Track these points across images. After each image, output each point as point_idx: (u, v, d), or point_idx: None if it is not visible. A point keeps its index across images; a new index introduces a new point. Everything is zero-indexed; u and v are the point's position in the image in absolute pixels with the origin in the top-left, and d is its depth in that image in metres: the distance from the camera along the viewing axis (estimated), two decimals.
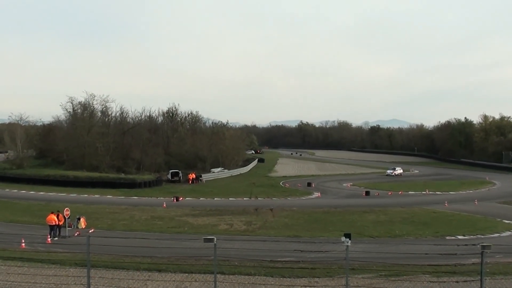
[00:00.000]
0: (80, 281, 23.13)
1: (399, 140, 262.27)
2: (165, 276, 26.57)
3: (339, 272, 27.80)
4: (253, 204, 71.01)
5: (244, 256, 31.31)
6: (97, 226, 50.00)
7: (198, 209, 66.82)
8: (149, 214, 61.65)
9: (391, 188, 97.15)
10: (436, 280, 26.70)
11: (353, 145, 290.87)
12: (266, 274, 27.59)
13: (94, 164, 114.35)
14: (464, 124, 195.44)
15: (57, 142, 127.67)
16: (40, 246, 38.90)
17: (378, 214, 62.47)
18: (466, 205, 72.24)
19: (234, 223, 54.08)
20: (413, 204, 72.61)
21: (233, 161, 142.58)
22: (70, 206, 51.24)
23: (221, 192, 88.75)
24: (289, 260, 32.44)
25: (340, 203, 74.88)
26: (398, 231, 49.80)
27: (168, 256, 32.41)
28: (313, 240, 42.85)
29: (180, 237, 44.12)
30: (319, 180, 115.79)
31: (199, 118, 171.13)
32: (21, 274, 25.07)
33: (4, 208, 65.57)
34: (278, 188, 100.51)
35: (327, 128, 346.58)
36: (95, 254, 26.85)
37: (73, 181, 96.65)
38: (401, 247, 38.44)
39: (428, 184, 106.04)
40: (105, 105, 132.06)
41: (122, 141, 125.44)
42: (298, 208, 67.97)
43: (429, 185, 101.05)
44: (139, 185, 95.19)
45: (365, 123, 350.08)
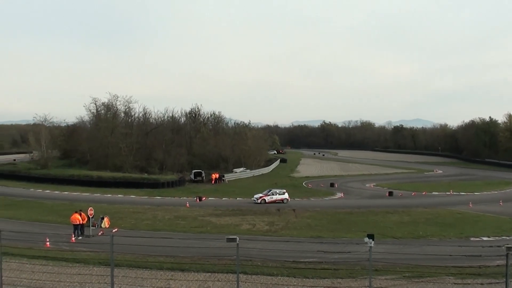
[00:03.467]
0: (104, 280, 23.28)
1: (423, 140, 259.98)
2: (188, 276, 26.62)
3: (362, 273, 27.71)
4: (275, 204, 70.95)
5: (266, 257, 31.31)
6: (120, 226, 50.26)
7: (220, 209, 66.97)
8: (172, 214, 61.85)
9: (414, 188, 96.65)
10: (461, 282, 26.50)
11: (376, 145, 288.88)
12: (288, 274, 27.55)
13: (117, 164, 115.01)
14: (489, 124, 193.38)
15: (81, 143, 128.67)
16: (64, 245, 39.17)
17: (402, 214, 62.19)
18: (491, 206, 71.73)
19: (257, 223, 54.13)
20: (437, 205, 72.22)
21: (255, 161, 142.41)
22: (93, 206, 51.64)
23: (244, 192, 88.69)
24: (312, 261, 32.32)
25: (363, 204, 74.68)
26: (422, 232, 49.49)
27: (191, 255, 32.45)
28: (336, 240, 42.69)
29: (203, 236, 44.29)
30: (342, 180, 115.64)
31: (222, 118, 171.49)
32: (46, 272, 25.20)
33: (29, 207, 66.21)
34: (300, 188, 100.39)
35: (350, 128, 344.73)
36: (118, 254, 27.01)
37: (96, 181, 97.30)
38: (425, 248, 38.24)
39: (452, 184, 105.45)
40: (128, 106, 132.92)
41: (145, 142, 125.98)
42: (321, 209, 67.83)
43: (453, 186, 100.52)
44: (162, 185, 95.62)
45: (388, 122, 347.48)
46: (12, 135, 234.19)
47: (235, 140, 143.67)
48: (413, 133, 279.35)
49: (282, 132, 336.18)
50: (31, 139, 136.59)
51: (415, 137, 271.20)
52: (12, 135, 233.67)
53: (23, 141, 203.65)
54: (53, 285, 23.69)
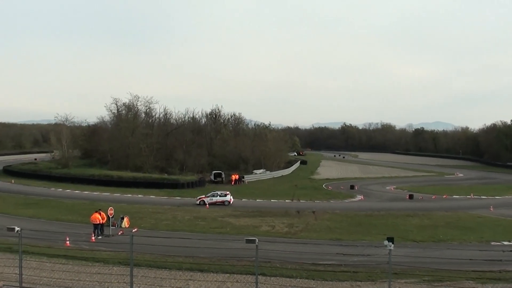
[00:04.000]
0: (123, 280, 23.35)
1: (444, 143, 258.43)
2: (207, 276, 26.66)
3: (381, 277, 27.63)
4: (295, 206, 70.81)
5: (285, 258, 31.30)
6: (140, 226, 50.43)
7: (240, 210, 66.96)
8: (191, 214, 61.97)
9: (435, 191, 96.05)
10: (481, 287, 26.35)
11: (397, 147, 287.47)
12: (307, 277, 27.49)
13: (138, 165, 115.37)
14: (510, 127, 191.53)
15: (102, 143, 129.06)
16: (84, 244, 39.39)
17: (422, 218, 61.79)
18: None
19: (276, 225, 54.01)
20: (458, 208, 71.65)
21: (275, 162, 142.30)
22: (113, 206, 51.86)
23: (263, 194, 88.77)
24: (331, 263, 32.25)
25: (383, 207, 74.37)
26: (442, 235, 49.16)
27: (210, 256, 32.53)
28: (355, 243, 42.50)
29: (222, 237, 44.34)
30: (362, 182, 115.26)
31: (242, 119, 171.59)
32: (66, 271, 25.32)
33: (50, 206, 66.66)
34: (320, 190, 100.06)
35: (371, 130, 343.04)
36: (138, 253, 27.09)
37: (117, 181, 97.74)
38: (445, 252, 38.05)
39: (473, 188, 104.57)
40: (149, 107, 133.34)
41: (166, 142, 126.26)
42: (341, 211, 67.60)
43: (474, 189, 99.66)
44: (182, 185, 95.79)
45: (409, 125, 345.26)
46: (34, 134, 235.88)
47: (255, 142, 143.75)
48: (434, 136, 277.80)
49: (303, 134, 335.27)
50: (52, 138, 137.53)
51: (436, 140, 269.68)
52: (34, 135, 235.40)
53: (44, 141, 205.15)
54: (72, 284, 23.78)
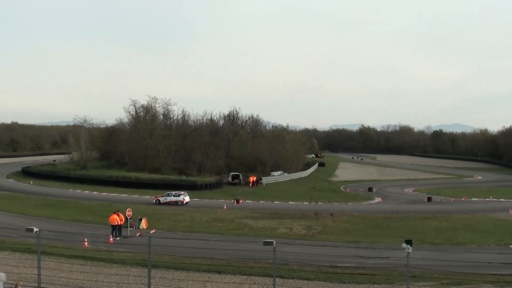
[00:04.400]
0: (141, 281, 23.38)
1: (462, 145, 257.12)
2: (225, 278, 26.68)
3: (399, 279, 27.51)
4: (313, 208, 70.63)
5: (303, 261, 31.26)
6: (158, 227, 50.53)
7: (258, 212, 66.91)
8: (209, 216, 61.96)
9: (454, 194, 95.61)
10: None
11: (415, 149, 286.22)
12: (325, 279, 27.44)
13: (156, 166, 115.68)
14: None
15: (120, 144, 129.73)
16: (102, 246, 39.49)
17: (440, 220, 61.42)
18: None
19: (294, 227, 53.88)
20: (476, 211, 71.15)
21: (293, 164, 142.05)
22: (131, 207, 51.95)
23: (281, 196, 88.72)
24: (349, 265, 32.15)
25: (402, 209, 74.02)
26: (461, 238, 48.85)
27: (228, 258, 32.52)
28: (373, 246, 42.44)
29: (239, 239, 44.27)
30: (380, 185, 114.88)
31: (260, 121, 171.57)
32: (84, 272, 25.45)
33: (68, 207, 66.97)
34: (338, 192, 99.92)
35: (389, 132, 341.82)
36: (156, 255, 27.16)
37: (135, 183, 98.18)
38: (464, 255, 37.80)
39: (492, 190, 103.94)
40: (167, 108, 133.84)
41: (184, 144, 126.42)
42: (359, 213, 67.39)
43: (493, 192, 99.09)
44: (200, 187, 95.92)
45: (427, 127, 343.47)
46: (52, 136, 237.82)
47: (273, 143, 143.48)
48: (453, 138, 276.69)
49: (321, 136, 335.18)
50: (70, 140, 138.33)
51: (455, 142, 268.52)
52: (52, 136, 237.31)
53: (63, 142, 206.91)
54: (90, 285, 23.92)
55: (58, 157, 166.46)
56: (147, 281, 20.71)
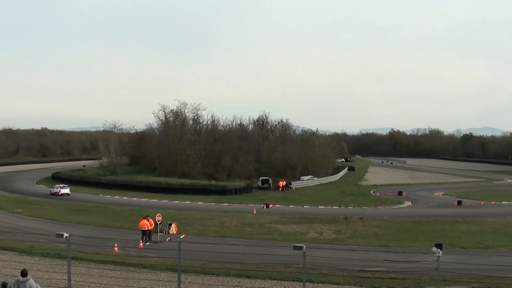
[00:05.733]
0: (171, 286, 23.41)
1: (492, 149, 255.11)
2: (255, 283, 26.56)
3: (429, 283, 27.22)
4: (342, 212, 70.36)
5: (333, 265, 31.07)
6: (188, 232, 50.58)
7: (287, 216, 66.68)
8: (239, 220, 61.98)
9: (484, 197, 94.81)
10: None
11: (445, 153, 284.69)
12: (355, 283, 27.22)
13: (185, 171, 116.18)
14: None
15: (150, 149, 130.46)
16: (132, 251, 39.57)
17: (470, 224, 60.87)
18: None
19: (324, 232, 53.69)
20: (507, 215, 70.48)
21: (322, 169, 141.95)
22: (161, 212, 52.00)
23: (311, 200, 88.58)
24: (379, 270, 31.94)
25: (431, 213, 73.68)
26: (491, 242, 48.34)
27: (258, 262, 32.44)
28: (403, 250, 42.03)
29: (269, 244, 44.13)
30: (410, 189, 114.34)
31: (289, 126, 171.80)
32: (113, 277, 25.52)
33: (98, 213, 67.45)
34: (368, 196, 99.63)
35: (419, 136, 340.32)
36: (185, 259, 27.13)
37: (164, 188, 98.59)
38: (494, 258, 37.48)
39: None
40: (196, 113, 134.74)
41: (213, 149, 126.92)
42: (389, 218, 66.98)
43: None
44: (230, 192, 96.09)
45: (457, 131, 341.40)
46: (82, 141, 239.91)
47: (303, 148, 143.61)
48: (483, 141, 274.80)
49: (350, 140, 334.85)
50: (100, 145, 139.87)
51: (485, 145, 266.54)
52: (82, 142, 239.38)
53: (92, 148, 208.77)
54: None
55: (88, 163, 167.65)
56: (177, 286, 20.67)
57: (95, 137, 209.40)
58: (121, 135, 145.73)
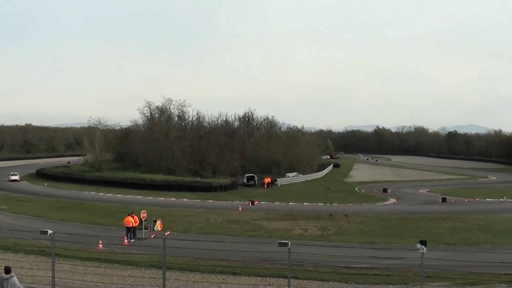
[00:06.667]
0: (156, 283, 23.30)
1: (477, 146, 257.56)
2: (240, 280, 26.55)
3: (414, 280, 27.29)
4: (328, 209, 70.42)
5: (318, 262, 31.07)
6: (173, 229, 50.42)
7: (272, 213, 66.66)
8: (224, 217, 61.87)
9: (468, 195, 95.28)
10: None
11: (430, 150, 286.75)
12: (340, 280, 27.26)
13: (170, 168, 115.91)
14: None
15: (135, 146, 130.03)
16: (117, 248, 39.42)
17: (455, 221, 61.07)
18: None
19: (309, 228, 53.69)
20: (491, 212, 70.85)
21: (308, 166, 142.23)
22: (146, 209, 52.05)
23: (296, 197, 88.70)
24: (364, 266, 31.99)
25: (416, 210, 73.77)
26: (475, 239, 48.53)
27: (243, 259, 32.39)
28: (388, 246, 42.20)
29: (254, 240, 44.20)
30: (395, 186, 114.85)
31: (275, 123, 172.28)
32: (98, 274, 25.45)
33: (83, 209, 67.10)
34: (353, 193, 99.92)
35: (404, 133, 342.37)
36: (170, 256, 27.12)
37: (149, 184, 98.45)
38: (478, 255, 37.61)
39: (506, 191, 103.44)
40: (181, 110, 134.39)
41: (199, 145, 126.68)
42: (374, 214, 67.15)
43: (507, 192, 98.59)
44: (215, 188, 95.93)
45: (442, 128, 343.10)
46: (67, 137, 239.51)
47: (288, 145, 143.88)
48: (467, 139, 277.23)
49: (335, 137, 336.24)
50: (85, 142, 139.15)
51: (469, 143, 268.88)
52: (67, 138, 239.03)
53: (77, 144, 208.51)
54: (105, 287, 23.87)
55: (72, 159, 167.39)
56: (162, 283, 20.66)
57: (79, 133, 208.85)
58: (106, 131, 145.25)
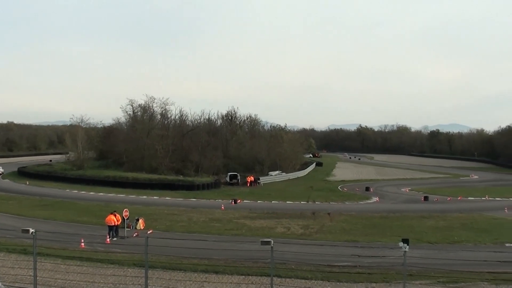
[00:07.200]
0: (138, 281, 23.27)
1: (459, 145, 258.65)
2: (222, 278, 26.58)
3: (396, 278, 27.43)
4: (310, 208, 70.43)
5: (301, 260, 31.18)
6: (155, 228, 50.33)
7: (255, 211, 66.74)
8: (207, 216, 61.74)
9: (450, 193, 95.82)
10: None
11: (412, 149, 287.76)
12: (323, 278, 27.33)
13: (153, 166, 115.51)
14: None
15: (117, 144, 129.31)
16: (99, 246, 39.34)
17: (437, 219, 61.39)
18: None
19: (291, 227, 53.73)
20: (473, 210, 71.23)
21: (291, 164, 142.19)
22: (129, 207, 51.80)
23: (279, 195, 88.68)
24: (346, 264, 32.08)
25: (399, 208, 74.03)
26: (457, 237, 48.81)
27: (225, 258, 32.43)
28: (370, 245, 42.37)
29: (237, 239, 44.21)
30: (377, 184, 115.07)
31: (258, 121, 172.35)
32: (80, 273, 25.36)
33: (65, 208, 66.72)
34: (336, 192, 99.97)
35: (386, 132, 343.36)
36: (153, 255, 27.10)
37: (132, 183, 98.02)
38: (460, 253, 37.80)
39: (488, 189, 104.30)
40: (164, 108, 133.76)
41: (181, 144, 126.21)
42: (356, 213, 67.30)
43: (489, 191, 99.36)
44: (198, 187, 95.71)
45: (424, 127, 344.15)
46: (49, 135, 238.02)
47: (271, 143, 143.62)
48: (449, 138, 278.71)
49: (318, 136, 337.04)
50: (67, 140, 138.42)
51: (451, 142, 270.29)
52: (49, 136, 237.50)
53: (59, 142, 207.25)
54: (87, 286, 23.83)
55: (55, 157, 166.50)
56: (144, 282, 20.62)
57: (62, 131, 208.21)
58: (89, 129, 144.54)
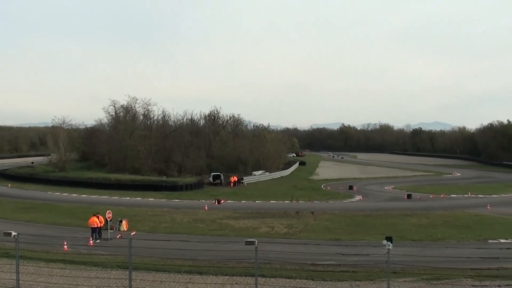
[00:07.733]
0: (122, 283, 23.17)
1: (441, 143, 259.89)
2: (206, 279, 26.49)
3: (380, 276, 27.44)
4: (294, 207, 70.68)
5: (285, 259, 31.15)
6: (139, 229, 50.23)
7: (239, 211, 66.75)
8: (190, 216, 61.67)
9: (433, 191, 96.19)
10: (478, 284, 26.22)
11: (395, 148, 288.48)
12: (307, 277, 27.30)
13: (136, 167, 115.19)
14: (507, 127, 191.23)
15: (100, 145, 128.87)
16: (82, 248, 39.13)
17: (420, 217, 61.65)
18: (509, 208, 70.97)
19: (275, 226, 53.79)
20: (455, 207, 71.62)
21: (274, 164, 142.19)
22: (112, 209, 51.67)
23: (262, 195, 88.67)
24: (330, 263, 32.07)
25: (382, 206, 74.35)
26: (440, 234, 49.02)
27: (209, 258, 32.32)
28: (354, 243, 42.31)
29: (221, 239, 44.21)
30: (360, 183, 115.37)
31: (241, 121, 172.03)
32: (63, 276, 25.20)
33: (47, 210, 66.43)
34: (319, 191, 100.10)
35: (369, 131, 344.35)
36: (136, 257, 26.92)
37: (115, 184, 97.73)
38: (443, 250, 38.04)
39: (470, 187, 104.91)
40: (147, 109, 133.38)
41: (164, 144, 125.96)
42: (340, 211, 67.40)
43: (471, 188, 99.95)
44: (181, 187, 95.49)
45: (407, 125, 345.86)
46: (31, 137, 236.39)
47: (254, 143, 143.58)
48: (432, 136, 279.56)
49: (301, 135, 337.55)
50: (49, 141, 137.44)
51: (434, 140, 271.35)
52: (31, 138, 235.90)
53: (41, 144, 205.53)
54: None
55: (37, 159, 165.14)
56: (128, 284, 20.54)
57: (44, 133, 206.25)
58: (71, 130, 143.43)
